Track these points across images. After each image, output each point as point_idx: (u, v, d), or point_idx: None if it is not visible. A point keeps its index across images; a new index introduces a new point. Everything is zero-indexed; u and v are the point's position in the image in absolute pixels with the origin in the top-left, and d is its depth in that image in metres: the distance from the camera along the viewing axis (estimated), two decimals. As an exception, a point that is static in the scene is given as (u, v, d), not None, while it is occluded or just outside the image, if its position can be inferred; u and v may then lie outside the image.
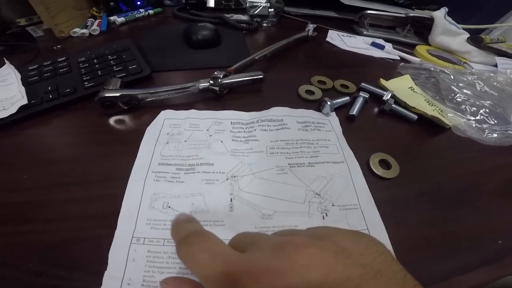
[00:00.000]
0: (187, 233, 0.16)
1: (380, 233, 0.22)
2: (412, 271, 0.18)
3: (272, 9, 0.58)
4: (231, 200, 0.24)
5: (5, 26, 0.48)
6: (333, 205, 0.24)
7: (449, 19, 0.52)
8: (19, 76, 0.35)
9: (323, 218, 0.23)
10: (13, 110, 0.30)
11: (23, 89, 0.33)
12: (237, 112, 0.32)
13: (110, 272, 0.19)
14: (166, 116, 0.30)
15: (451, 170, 0.28)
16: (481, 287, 0.20)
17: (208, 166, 0.26)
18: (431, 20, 0.53)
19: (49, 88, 0.33)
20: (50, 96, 0.32)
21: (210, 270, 0.13)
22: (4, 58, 0.39)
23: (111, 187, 0.24)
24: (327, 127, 0.31)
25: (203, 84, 0.31)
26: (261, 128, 0.30)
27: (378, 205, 0.24)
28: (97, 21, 0.52)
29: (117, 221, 0.21)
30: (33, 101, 0.31)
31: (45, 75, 0.36)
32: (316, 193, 0.24)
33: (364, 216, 0.23)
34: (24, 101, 0.31)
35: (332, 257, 0.12)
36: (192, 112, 0.31)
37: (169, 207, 0.23)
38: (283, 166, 0.26)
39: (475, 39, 0.51)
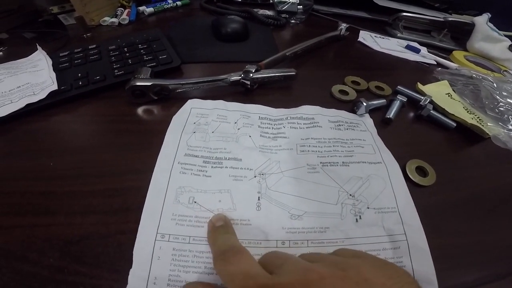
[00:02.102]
0: (225, 247, 0.18)
1: (419, 238, 0.21)
2: (441, 279, 0.19)
3: (301, 6, 0.56)
4: (258, 199, 0.22)
5: (37, 14, 0.49)
6: (368, 208, 0.22)
7: (491, 25, 0.49)
8: (50, 62, 0.35)
9: (356, 221, 0.22)
10: (43, 95, 0.30)
11: (53, 74, 0.33)
12: (265, 107, 0.31)
13: (135, 271, 0.18)
14: (193, 105, 0.29)
15: (488, 181, 0.27)
16: None
17: (236, 162, 0.25)
18: (470, 26, 0.50)
19: (79, 75, 0.33)
20: (80, 83, 0.32)
21: None
22: (37, 44, 0.39)
23: (136, 180, 0.23)
24: (361, 127, 0.29)
25: (235, 77, 0.30)
26: (291, 125, 0.29)
27: None
28: (127, 10, 0.52)
29: (141, 215, 0.21)
30: (63, 87, 0.31)
31: (75, 62, 0.36)
32: (350, 195, 0.23)
33: (402, 220, 0.22)
34: (54, 86, 0.31)
35: (354, 287, 0.12)
36: (220, 103, 0.30)
37: (195, 202, 0.22)
38: (315, 164, 0.25)
39: (517, 46, 0.48)
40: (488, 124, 0.33)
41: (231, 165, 0.25)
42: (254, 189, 0.23)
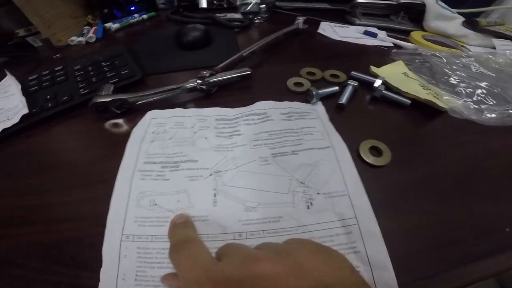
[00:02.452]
0: (179, 238, 0.19)
1: (370, 222, 0.21)
2: (406, 264, 0.19)
3: (264, 5, 0.58)
4: (214, 195, 0.24)
5: (6, 37, 0.50)
6: (318, 194, 0.23)
7: (442, 3, 0.51)
8: (19, 86, 0.37)
9: (308, 207, 0.23)
10: (16, 119, 0.31)
11: (23, 99, 0.34)
12: (223, 109, 0.32)
13: (105, 269, 0.20)
14: (152, 116, 0.31)
15: (450, 154, 0.27)
16: (488, 279, 0.20)
17: (192, 163, 0.26)
18: (423, 6, 0.52)
19: (48, 97, 0.35)
20: (49, 105, 0.34)
21: (189, 275, 0.15)
22: (5, 70, 0.40)
23: (105, 188, 0.25)
24: (312, 115, 0.30)
25: (191, 84, 0.32)
26: (245, 122, 0.30)
27: (369, 195, 0.23)
28: (93, 28, 0.54)
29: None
30: (34, 110, 0.33)
31: (44, 84, 0.38)
32: (301, 182, 0.24)
33: (352, 203, 0.22)
34: (26, 110, 0.32)
35: (286, 270, 0.13)
36: (178, 111, 0.31)
37: (156, 204, 0.23)
38: (266, 157, 0.26)
39: (470, 22, 0.50)
40: (445, 97, 0.34)
41: (188, 167, 0.26)
42: (210, 187, 0.24)
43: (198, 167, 0.26)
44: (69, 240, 0.22)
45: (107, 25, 0.55)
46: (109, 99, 0.30)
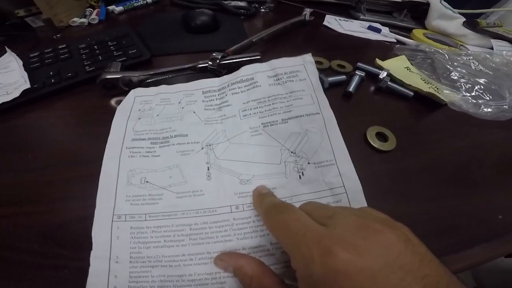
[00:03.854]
0: (272, 204, 0.18)
1: (356, 191, 0.21)
2: None
3: (270, -5, 0.58)
4: (208, 169, 0.24)
5: (4, 17, 0.49)
6: (308, 163, 0.23)
7: (445, 3, 0.53)
8: (20, 62, 0.36)
9: (300, 177, 0.23)
10: (16, 94, 0.31)
11: (25, 74, 0.33)
12: (208, 80, 0.31)
13: (96, 252, 0.19)
14: (136, 94, 0.30)
15: (449, 144, 0.28)
16: (484, 264, 0.20)
17: (182, 137, 0.26)
18: (427, 5, 0.53)
19: (51, 73, 0.34)
20: (52, 81, 0.33)
21: (302, 237, 0.14)
22: (5, 47, 0.39)
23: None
24: (301, 75, 0.28)
25: (202, 65, 0.32)
26: (232, 91, 0.29)
27: (376, 179, 0.23)
28: (96, 10, 0.53)
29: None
30: (35, 86, 0.32)
31: (46, 61, 0.37)
32: (292, 152, 0.24)
33: (340, 172, 0.22)
34: (27, 85, 0.31)
35: (402, 244, 0.14)
36: (162, 87, 0.30)
37: (147, 182, 0.23)
38: (257, 127, 0.26)
39: (470, 23, 0.51)
40: (445, 91, 0.35)
41: (178, 142, 0.25)
42: (203, 161, 0.24)
43: (188, 141, 0.25)
44: (73, 220, 0.21)
45: (110, 7, 0.54)
46: (119, 76, 0.30)
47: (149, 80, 0.31)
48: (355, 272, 0.12)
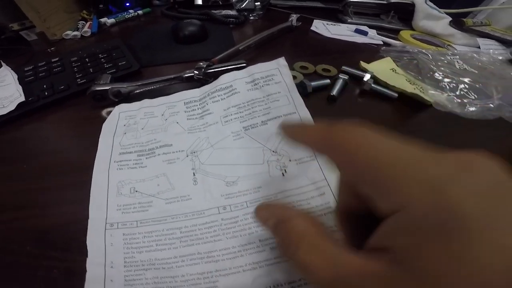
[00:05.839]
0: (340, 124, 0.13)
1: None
2: None
3: (259, 3, 0.59)
4: (194, 175, 0.25)
5: (-2, 31, 0.50)
6: (290, 161, 0.24)
7: (430, 4, 0.53)
8: (15, 76, 0.37)
9: (283, 175, 0.23)
10: (11, 107, 0.32)
11: (20, 87, 0.35)
12: (189, 91, 0.32)
13: (92, 259, 0.20)
14: (120, 110, 0.31)
15: (434, 144, 0.28)
16: None
17: (167, 147, 0.27)
18: (413, 6, 0.54)
19: (45, 86, 0.35)
20: (46, 93, 0.34)
21: (409, 171, 0.10)
22: (0, 61, 0.41)
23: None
24: (276, 78, 0.30)
25: (188, 74, 0.33)
26: (213, 100, 0.30)
27: None
28: (88, 23, 0.54)
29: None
30: (30, 99, 0.33)
31: (40, 74, 0.38)
32: (273, 151, 0.25)
33: (321, 166, 0.23)
34: (22, 98, 0.33)
35: (496, 165, 0.10)
36: (145, 102, 0.31)
37: (136, 191, 0.24)
38: (238, 131, 0.27)
39: (457, 22, 0.52)
40: (430, 91, 0.35)
41: (163, 152, 0.27)
42: (188, 167, 0.25)
43: (173, 151, 0.27)
44: (65, 224, 0.22)
45: (102, 20, 0.55)
46: (107, 88, 0.31)
47: (137, 91, 0.32)
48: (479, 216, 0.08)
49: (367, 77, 0.35)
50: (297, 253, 0.12)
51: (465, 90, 0.36)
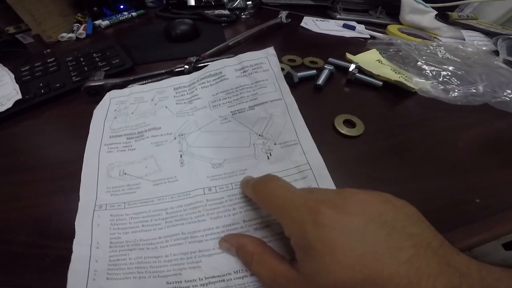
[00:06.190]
0: (258, 178, 0.20)
1: (319, 166, 0.23)
2: None
3: (250, 2, 0.61)
4: (181, 156, 0.25)
5: (-6, 35, 0.51)
6: (275, 144, 0.25)
7: (416, -2, 0.55)
8: (12, 76, 0.38)
9: (268, 158, 0.24)
10: (9, 105, 0.33)
11: (17, 86, 0.36)
12: (179, 77, 0.32)
13: (78, 239, 0.20)
14: (111, 96, 0.32)
15: (419, 128, 0.29)
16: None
17: (156, 130, 0.27)
18: (399, 1, 0.55)
19: (41, 84, 0.37)
20: (42, 91, 0.35)
21: (291, 202, 0.16)
22: (-2, 62, 0.42)
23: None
24: (264, 66, 0.30)
25: (179, 69, 0.34)
26: (202, 86, 0.30)
27: (344, 163, 0.25)
28: (83, 25, 0.55)
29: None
30: (27, 96, 0.34)
31: (36, 74, 0.39)
32: (259, 135, 0.25)
33: (304, 150, 0.24)
34: (19, 96, 0.34)
35: (382, 204, 0.15)
36: (136, 87, 0.32)
37: (125, 173, 0.25)
38: (226, 115, 0.27)
39: (442, 16, 0.53)
40: (414, 79, 0.37)
41: (152, 134, 0.27)
42: (176, 149, 0.26)
43: (162, 133, 0.27)
44: (58, 213, 0.23)
45: (97, 22, 0.57)
46: (101, 83, 0.32)
47: (130, 86, 0.33)
48: (341, 227, 0.14)
49: (352, 67, 0.36)
50: (251, 267, 0.18)
51: (448, 77, 0.37)
